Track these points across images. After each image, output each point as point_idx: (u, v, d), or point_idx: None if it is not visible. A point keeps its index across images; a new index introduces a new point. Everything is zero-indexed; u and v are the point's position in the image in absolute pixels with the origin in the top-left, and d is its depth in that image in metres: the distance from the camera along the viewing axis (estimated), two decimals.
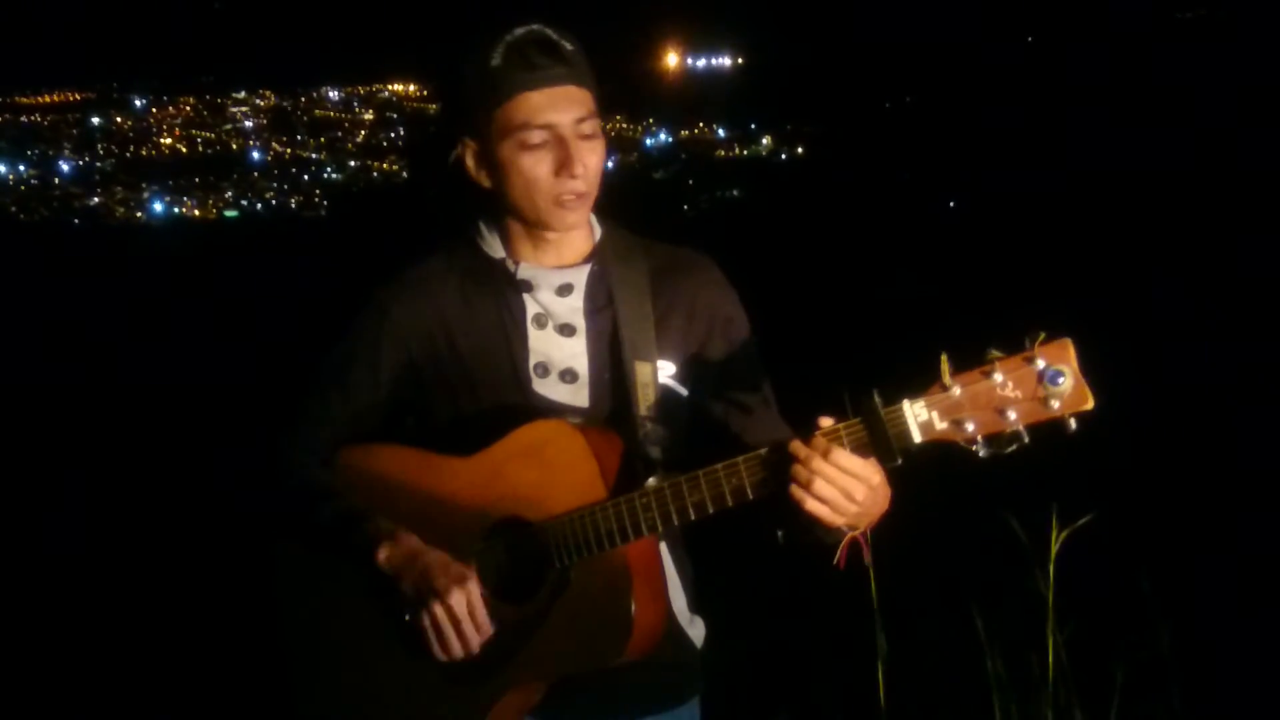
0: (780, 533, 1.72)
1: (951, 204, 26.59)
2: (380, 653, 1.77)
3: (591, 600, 1.67)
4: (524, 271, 1.80)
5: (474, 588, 1.63)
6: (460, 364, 1.80)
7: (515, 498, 1.71)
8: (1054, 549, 2.58)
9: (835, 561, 1.63)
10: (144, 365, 10.65)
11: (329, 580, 1.81)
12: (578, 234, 1.83)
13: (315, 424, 1.83)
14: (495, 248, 1.83)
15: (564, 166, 1.70)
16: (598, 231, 1.86)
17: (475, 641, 1.63)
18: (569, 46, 1.70)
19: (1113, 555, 3.27)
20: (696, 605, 1.90)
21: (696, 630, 1.89)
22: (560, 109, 1.69)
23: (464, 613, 1.62)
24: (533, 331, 1.79)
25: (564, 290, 1.80)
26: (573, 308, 1.80)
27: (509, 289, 1.80)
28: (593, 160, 1.72)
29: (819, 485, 1.50)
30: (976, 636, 2.81)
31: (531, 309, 1.80)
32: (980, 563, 3.80)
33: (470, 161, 1.78)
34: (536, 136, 1.70)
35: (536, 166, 1.71)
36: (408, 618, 1.66)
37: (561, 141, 1.70)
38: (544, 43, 1.68)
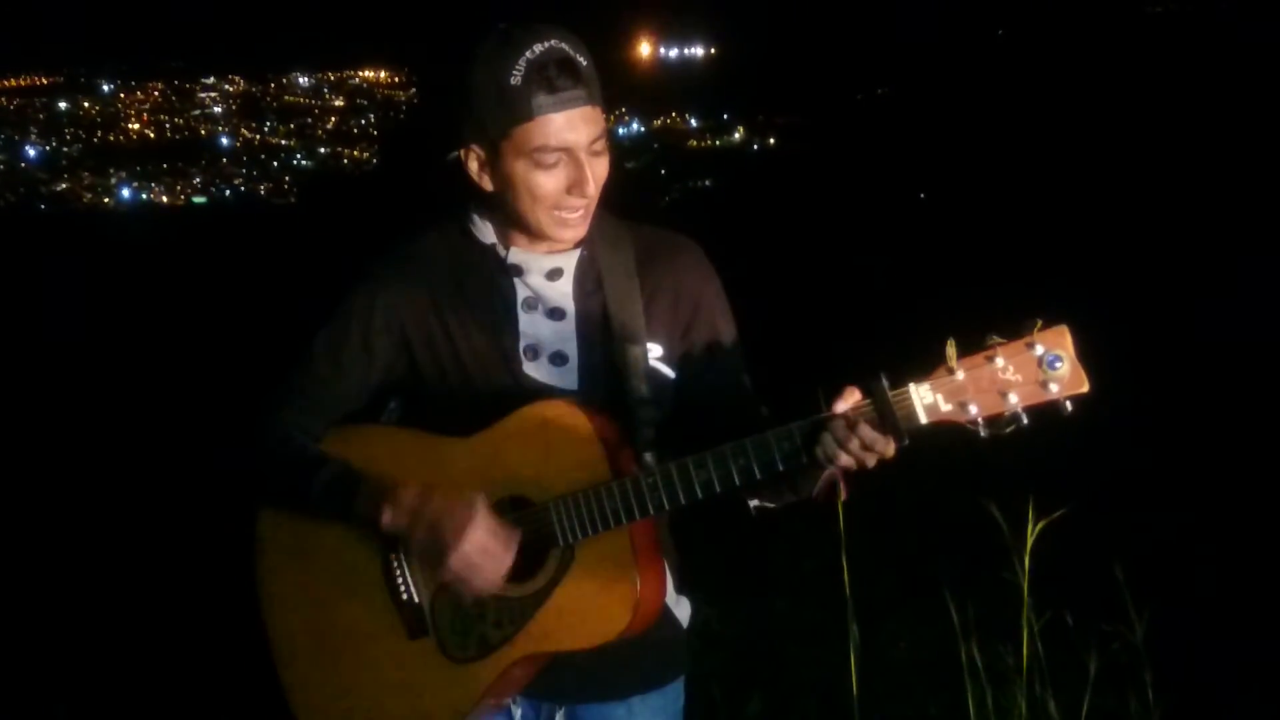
0: (753, 504, 1.76)
1: (921, 195, 26.66)
2: (377, 630, 1.77)
3: (597, 576, 1.69)
4: (514, 256, 1.81)
5: (484, 520, 1.65)
6: (451, 344, 1.80)
7: (518, 478, 1.71)
8: (1030, 540, 2.58)
9: (814, 495, 1.67)
10: (109, 354, 10.54)
11: (318, 559, 1.81)
12: None
13: (305, 396, 1.82)
14: (486, 234, 1.83)
15: (576, 185, 1.72)
16: None
17: (500, 575, 1.67)
18: (584, 63, 1.69)
19: (1091, 545, 3.29)
20: (682, 586, 1.91)
21: (682, 610, 1.89)
22: (578, 131, 1.70)
23: (480, 555, 1.65)
24: (523, 315, 1.80)
25: (554, 275, 1.81)
26: (562, 292, 1.81)
27: (499, 273, 1.81)
28: (601, 174, 1.74)
29: (844, 459, 1.56)
30: (951, 625, 2.82)
31: (522, 293, 1.81)
32: (956, 552, 3.82)
33: (474, 166, 1.77)
34: (552, 158, 1.70)
35: (546, 184, 1.72)
36: (426, 571, 1.70)
37: (576, 162, 1.71)
38: (564, 63, 1.67)
